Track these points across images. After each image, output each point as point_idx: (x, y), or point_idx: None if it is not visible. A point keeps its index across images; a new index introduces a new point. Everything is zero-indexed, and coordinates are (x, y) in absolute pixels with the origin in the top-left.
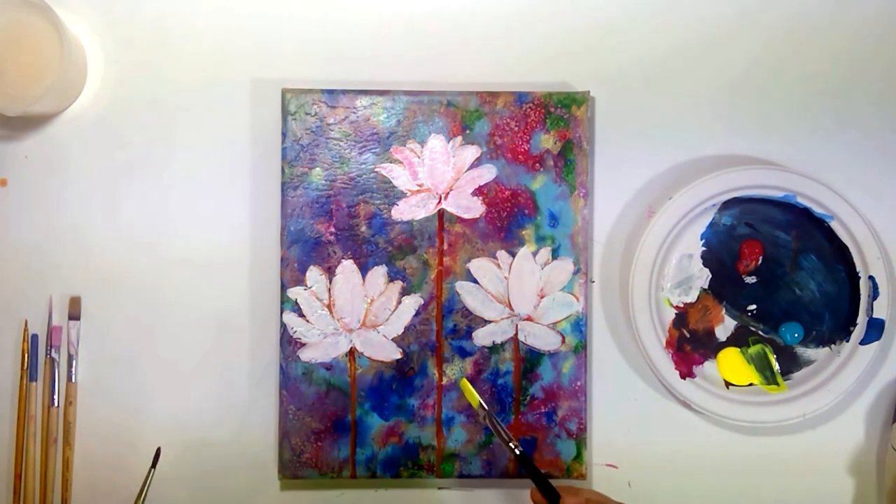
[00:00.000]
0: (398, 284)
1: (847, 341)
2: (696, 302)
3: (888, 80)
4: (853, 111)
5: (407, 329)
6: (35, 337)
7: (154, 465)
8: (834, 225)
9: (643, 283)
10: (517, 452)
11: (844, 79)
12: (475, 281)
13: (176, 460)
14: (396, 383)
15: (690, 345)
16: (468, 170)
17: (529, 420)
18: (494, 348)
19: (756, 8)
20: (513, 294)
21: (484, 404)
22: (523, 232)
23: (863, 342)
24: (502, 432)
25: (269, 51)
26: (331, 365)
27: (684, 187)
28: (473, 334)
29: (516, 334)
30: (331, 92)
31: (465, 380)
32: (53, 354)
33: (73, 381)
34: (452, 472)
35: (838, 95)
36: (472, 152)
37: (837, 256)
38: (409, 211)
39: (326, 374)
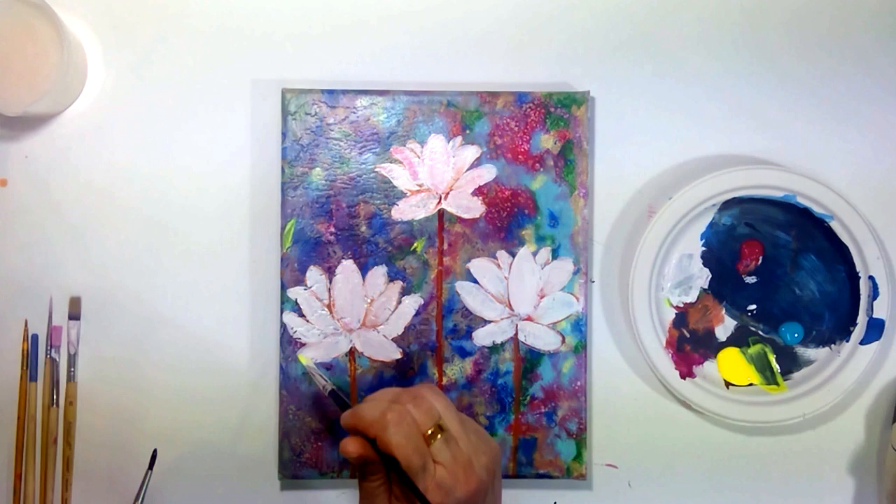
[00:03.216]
0: (398, 284)
1: (847, 341)
2: (696, 302)
3: (889, 80)
4: (853, 110)
5: (407, 329)
6: (35, 337)
7: (151, 466)
8: (834, 225)
9: (643, 283)
10: (327, 392)
11: (845, 78)
12: (475, 281)
13: (176, 460)
14: (396, 383)
15: (690, 345)
16: (468, 170)
17: (529, 420)
18: (494, 348)
19: (757, 10)
20: (513, 294)
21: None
22: (523, 232)
23: (863, 342)
24: (319, 378)
25: (269, 51)
26: (331, 365)
27: (684, 187)
28: (473, 334)
29: (516, 334)
30: (331, 92)
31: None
32: (53, 354)
33: (73, 381)
34: None
35: (839, 95)
36: (472, 152)
37: (837, 256)
38: (409, 211)
39: (326, 374)
